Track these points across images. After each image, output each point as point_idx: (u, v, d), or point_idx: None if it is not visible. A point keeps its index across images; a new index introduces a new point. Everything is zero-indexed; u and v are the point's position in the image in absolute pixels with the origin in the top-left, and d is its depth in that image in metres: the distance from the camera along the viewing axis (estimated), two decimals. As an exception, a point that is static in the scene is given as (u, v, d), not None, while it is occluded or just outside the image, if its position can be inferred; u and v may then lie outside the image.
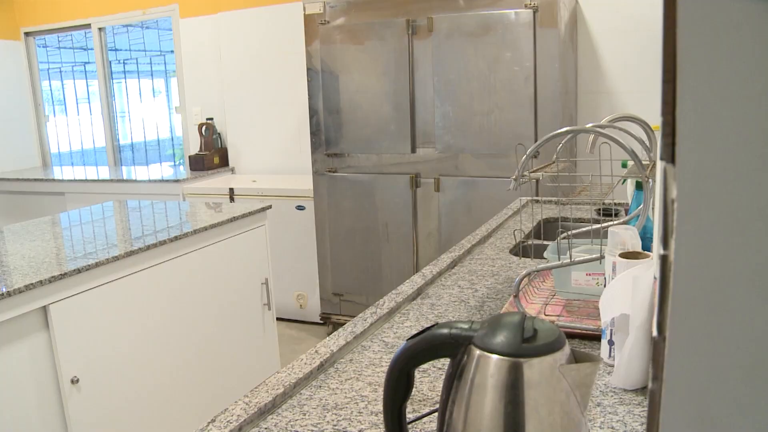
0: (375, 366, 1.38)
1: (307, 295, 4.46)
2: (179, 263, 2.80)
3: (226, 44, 5.14)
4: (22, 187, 5.78)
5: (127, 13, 5.78)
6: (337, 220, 4.06)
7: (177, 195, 4.75)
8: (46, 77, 6.64)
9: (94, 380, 2.44)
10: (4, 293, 2.09)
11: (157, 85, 6.26)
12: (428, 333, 0.84)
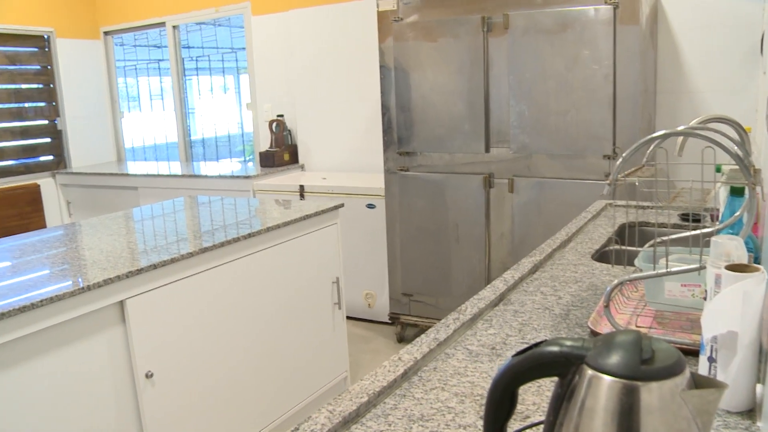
0: (460, 375, 1.33)
1: (376, 295, 4.43)
2: (252, 260, 2.80)
3: (297, 41, 5.15)
4: (98, 181, 5.93)
5: (200, 11, 5.86)
6: (408, 220, 4.02)
7: (247, 191, 4.79)
8: (122, 74, 6.80)
9: (168, 375, 2.46)
10: (84, 287, 2.12)
11: (227, 81, 6.33)
12: (536, 350, 0.79)
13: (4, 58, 5.94)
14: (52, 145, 6.37)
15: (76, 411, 2.18)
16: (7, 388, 1.97)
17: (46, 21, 6.17)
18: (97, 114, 6.66)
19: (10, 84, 6.01)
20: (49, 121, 6.34)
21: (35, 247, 2.77)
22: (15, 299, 2.00)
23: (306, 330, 3.18)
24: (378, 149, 4.76)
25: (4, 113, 5.97)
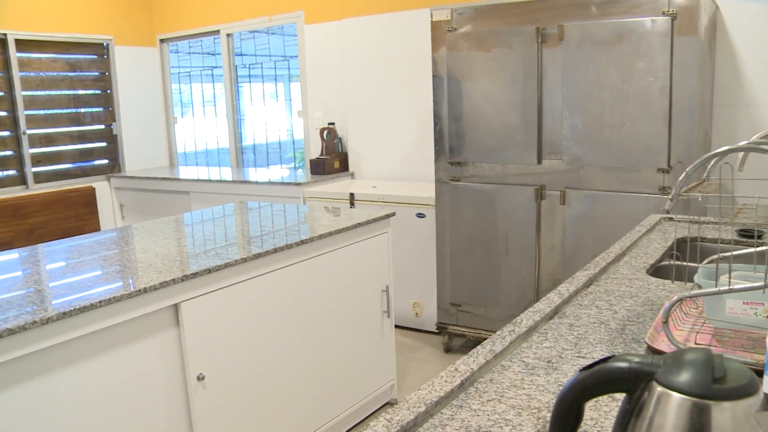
0: (517, 388, 1.32)
1: (424, 304, 4.43)
2: (304, 267, 2.83)
3: (350, 50, 5.19)
4: (151, 185, 6.05)
5: (254, 20, 5.95)
6: (458, 230, 4.02)
7: (297, 198, 4.83)
8: (176, 81, 6.93)
9: (219, 378, 2.49)
10: (141, 290, 2.17)
11: (279, 89, 6.41)
12: (605, 365, 0.79)
13: (65, 65, 6.11)
14: (107, 149, 6.53)
15: (129, 412, 2.22)
16: (64, 386, 2.02)
17: (106, 29, 6.33)
18: (151, 119, 6.81)
19: (70, 90, 6.17)
20: (105, 126, 6.49)
21: (92, 249, 2.83)
22: (74, 297, 2.05)
23: (354, 337, 3.19)
24: (428, 158, 4.77)
25: (63, 118, 6.14)
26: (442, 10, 3.86)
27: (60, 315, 1.94)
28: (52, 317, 1.92)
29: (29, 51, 5.83)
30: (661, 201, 3.41)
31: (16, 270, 2.55)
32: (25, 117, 5.81)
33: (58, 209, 5.98)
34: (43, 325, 1.91)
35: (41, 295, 2.15)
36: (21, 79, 5.77)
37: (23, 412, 1.92)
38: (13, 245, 5.65)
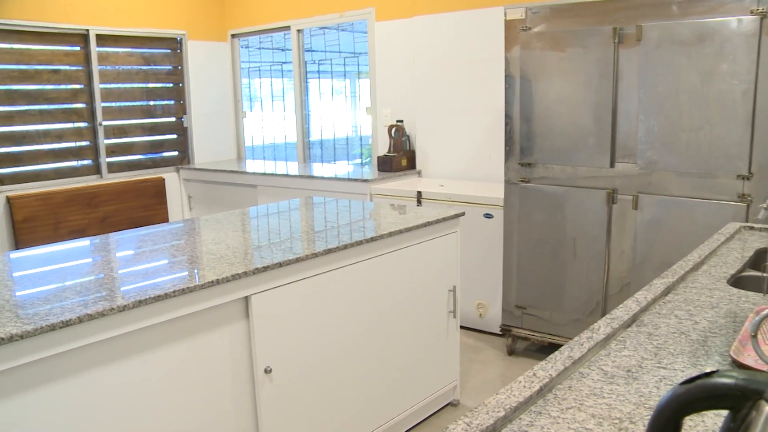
0: (596, 396, 1.29)
1: (488, 305, 4.39)
2: (373, 264, 2.83)
3: (420, 48, 5.17)
4: (218, 177, 6.15)
5: (324, 16, 5.98)
6: (526, 232, 3.96)
7: (364, 195, 4.84)
8: (246, 75, 7.03)
9: (285, 371, 2.51)
10: (213, 281, 2.20)
11: (347, 85, 6.43)
12: (708, 381, 0.76)
13: (140, 59, 6.26)
14: (177, 142, 6.66)
15: (196, 402, 2.26)
16: (134, 374, 2.06)
17: (180, 24, 6.46)
18: (220, 113, 6.92)
19: (143, 83, 6.32)
20: (176, 119, 6.63)
21: (165, 239, 2.89)
22: (148, 285, 2.09)
23: (419, 336, 3.18)
24: (497, 159, 4.72)
25: (136, 110, 6.29)
26: (516, 8, 3.81)
27: (135, 303, 1.98)
28: (128, 305, 1.96)
29: (108, 45, 5.99)
30: (739, 209, 3.30)
31: (89, 257, 2.62)
32: (101, 109, 5.97)
33: (129, 198, 6.13)
34: (120, 312, 1.95)
35: (115, 283, 2.20)
36: (99, 72, 5.93)
37: (94, 397, 1.97)
38: (86, 232, 5.82)
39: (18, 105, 5.51)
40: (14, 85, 5.48)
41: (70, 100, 5.83)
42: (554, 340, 3.97)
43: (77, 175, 5.93)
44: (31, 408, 1.83)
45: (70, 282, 2.23)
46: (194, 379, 2.23)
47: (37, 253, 2.73)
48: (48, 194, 5.61)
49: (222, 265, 2.37)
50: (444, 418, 3.41)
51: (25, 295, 2.10)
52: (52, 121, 5.73)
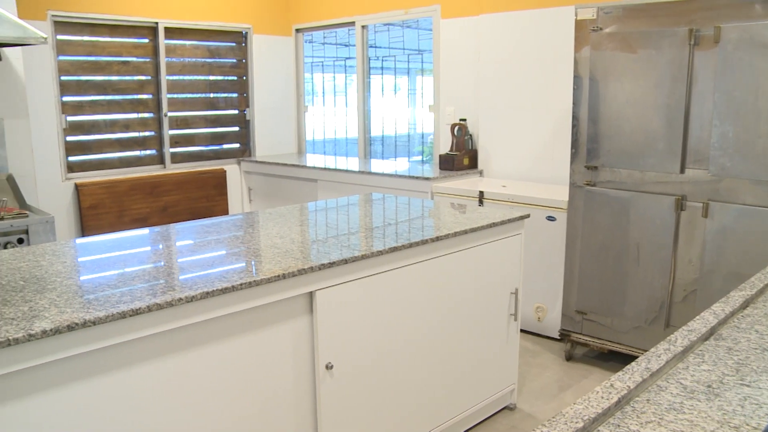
0: (676, 411, 1.24)
1: (547, 309, 4.32)
2: (437, 263, 2.80)
3: (486, 46, 5.11)
4: (279, 171, 6.20)
5: (389, 12, 5.97)
6: (590, 236, 3.88)
7: (425, 193, 4.81)
8: (308, 70, 7.07)
9: (346, 368, 2.51)
10: (279, 276, 2.20)
11: (409, 82, 6.41)
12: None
13: (206, 52, 6.34)
14: (239, 134, 6.74)
15: (256, 394, 2.27)
16: (196, 365, 2.08)
17: (245, 18, 6.53)
18: (282, 107, 6.98)
19: (208, 75, 6.41)
20: (239, 112, 6.70)
21: (229, 230, 2.91)
22: (215, 274, 2.11)
23: (479, 338, 3.14)
24: (562, 160, 4.65)
25: (200, 102, 6.38)
26: (587, 8, 3.73)
27: (203, 294, 1.99)
28: (196, 296, 1.97)
29: (175, 38, 6.09)
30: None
31: (157, 247, 2.66)
32: (167, 100, 6.07)
33: (191, 189, 6.23)
34: (188, 303, 1.97)
35: (181, 274, 2.22)
36: (166, 64, 6.03)
37: (157, 387, 1.99)
38: (147, 221, 5.93)
39: (88, 95, 5.64)
40: (85, 75, 5.61)
41: (137, 91, 5.95)
42: (614, 347, 3.88)
43: (141, 164, 6.05)
44: (96, 395, 1.86)
45: (133, 269, 2.26)
46: (256, 372, 2.24)
47: (114, 241, 2.78)
48: (113, 182, 5.73)
49: (288, 260, 2.38)
50: (500, 422, 3.37)
51: (94, 283, 2.14)
52: (120, 111, 5.86)
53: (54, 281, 2.14)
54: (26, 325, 1.72)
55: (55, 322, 1.74)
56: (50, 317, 1.78)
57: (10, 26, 3.53)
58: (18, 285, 2.10)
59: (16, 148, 4.28)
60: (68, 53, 5.50)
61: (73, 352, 1.77)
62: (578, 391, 3.69)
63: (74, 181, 5.57)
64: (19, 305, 1.89)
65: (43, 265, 2.36)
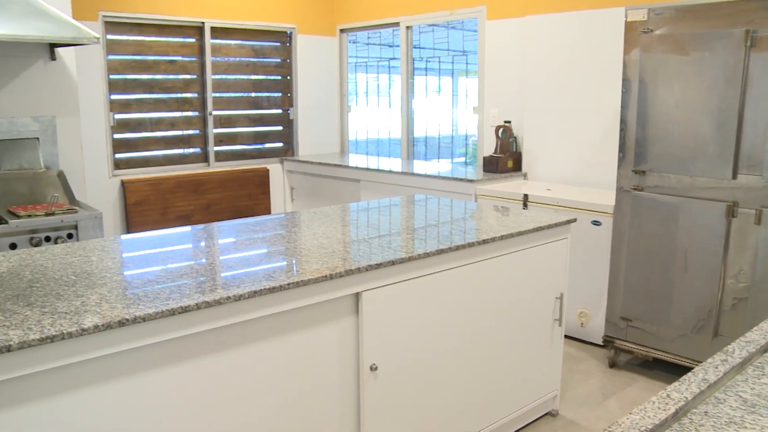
0: (737, 425, 1.21)
1: (590, 314, 4.26)
2: (482, 266, 2.78)
3: (532, 48, 5.07)
4: (321, 170, 6.22)
5: (434, 13, 5.95)
6: (636, 242, 3.82)
7: (469, 195, 4.78)
8: (352, 70, 7.08)
9: (390, 369, 2.50)
10: (327, 276, 2.20)
11: (454, 83, 6.39)
12: None
13: (250, 51, 6.39)
14: (282, 133, 6.78)
15: (300, 394, 2.27)
16: (241, 364, 2.09)
17: (290, 18, 6.56)
18: (326, 106, 7.00)
19: (252, 75, 6.46)
20: (282, 111, 6.74)
21: (275, 229, 2.93)
22: (262, 272, 2.12)
23: (523, 342, 3.11)
24: (608, 164, 4.58)
25: (244, 101, 6.43)
26: (638, 9, 3.67)
27: (251, 293, 2.00)
28: (244, 295, 1.98)
29: (220, 38, 6.15)
30: None
31: (202, 244, 2.68)
32: (212, 99, 6.13)
33: (234, 187, 6.28)
34: (236, 302, 1.98)
35: (223, 272, 2.23)
36: (212, 63, 6.09)
37: (201, 386, 2.00)
38: (191, 218, 6.00)
39: (135, 93, 5.72)
40: (133, 74, 5.69)
41: (182, 89, 6.02)
42: (660, 355, 3.81)
43: (186, 162, 6.11)
44: (141, 391, 1.87)
45: (179, 264, 2.28)
46: (300, 372, 2.25)
47: (161, 237, 2.81)
48: (158, 180, 5.81)
49: (334, 260, 2.38)
50: (542, 428, 3.33)
51: (143, 279, 2.16)
52: (166, 110, 5.93)
53: (104, 277, 2.17)
54: (78, 320, 1.74)
55: (106, 317, 1.76)
56: (101, 312, 1.80)
57: (66, 27, 3.59)
58: (70, 280, 2.14)
59: (66, 145, 4.36)
60: (117, 52, 5.58)
61: (122, 347, 1.79)
62: (622, 399, 3.63)
63: (120, 178, 5.65)
64: (72, 300, 1.92)
65: (93, 261, 2.39)
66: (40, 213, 3.69)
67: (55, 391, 1.71)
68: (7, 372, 1.62)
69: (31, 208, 3.82)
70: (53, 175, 4.23)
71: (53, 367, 1.69)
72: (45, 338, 1.64)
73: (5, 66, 4.10)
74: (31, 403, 1.68)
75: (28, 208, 3.79)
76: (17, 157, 4.16)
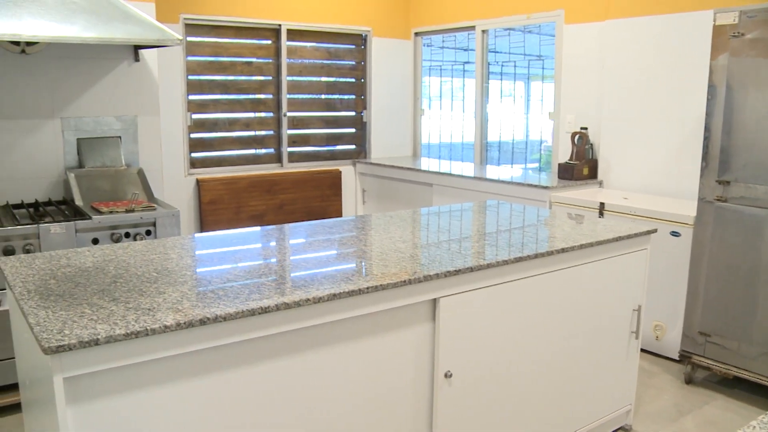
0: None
1: (666, 327, 4.13)
2: (560, 275, 2.73)
3: (611, 53, 4.95)
4: (393, 173, 6.22)
5: (511, 17, 5.88)
6: (718, 254, 3.69)
7: (543, 202, 4.71)
8: (426, 73, 7.07)
9: (465, 377, 2.47)
10: (406, 281, 2.19)
11: (528, 88, 6.30)
12: None
13: (325, 53, 6.45)
14: (355, 136, 6.81)
15: (373, 398, 2.26)
16: (317, 366, 2.09)
17: (365, 21, 6.59)
18: (399, 109, 7.01)
19: (326, 77, 6.51)
20: (356, 113, 6.77)
21: (351, 231, 2.93)
22: (338, 272, 2.12)
23: (598, 354, 3.04)
24: (689, 174, 4.44)
25: (318, 103, 6.48)
26: (728, 12, 3.55)
27: (330, 296, 2.00)
28: (323, 297, 1.99)
29: (296, 40, 6.22)
30: None
31: (277, 244, 2.70)
32: (286, 100, 6.21)
33: (306, 188, 6.34)
34: (315, 304, 1.99)
35: (303, 273, 2.24)
36: (288, 65, 6.17)
37: (275, 387, 2.02)
38: (264, 218, 6.08)
39: (212, 94, 5.83)
40: (210, 75, 5.80)
41: (258, 90, 6.10)
42: (741, 373, 3.66)
43: (259, 162, 6.20)
44: (215, 391, 1.89)
45: (258, 263, 2.30)
46: (373, 376, 2.24)
47: (239, 236, 2.85)
48: (232, 179, 5.91)
49: (412, 265, 2.36)
50: (615, 443, 3.25)
51: (223, 278, 2.19)
52: (241, 110, 6.03)
53: (184, 274, 2.21)
54: (161, 317, 1.77)
55: (188, 315, 1.78)
56: (183, 310, 1.83)
57: (151, 29, 3.68)
58: (152, 276, 2.18)
59: (147, 144, 4.48)
60: (195, 54, 5.70)
61: (201, 346, 1.82)
62: (699, 417, 3.51)
63: (196, 177, 5.77)
64: (154, 296, 1.96)
65: (173, 258, 2.44)
66: (121, 210, 3.80)
67: (135, 386, 1.74)
68: (93, 365, 1.66)
69: (113, 204, 3.92)
70: (133, 172, 4.34)
71: (134, 363, 1.72)
72: (130, 334, 1.67)
73: (93, 68, 4.23)
74: (113, 397, 1.72)
75: (109, 205, 3.90)
76: (100, 155, 4.29)
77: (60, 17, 3.47)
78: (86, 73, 4.23)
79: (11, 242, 3.43)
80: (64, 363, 1.62)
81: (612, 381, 3.17)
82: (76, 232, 3.59)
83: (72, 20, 3.50)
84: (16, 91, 4.05)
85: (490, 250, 2.61)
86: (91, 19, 3.57)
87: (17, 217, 3.65)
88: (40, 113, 4.13)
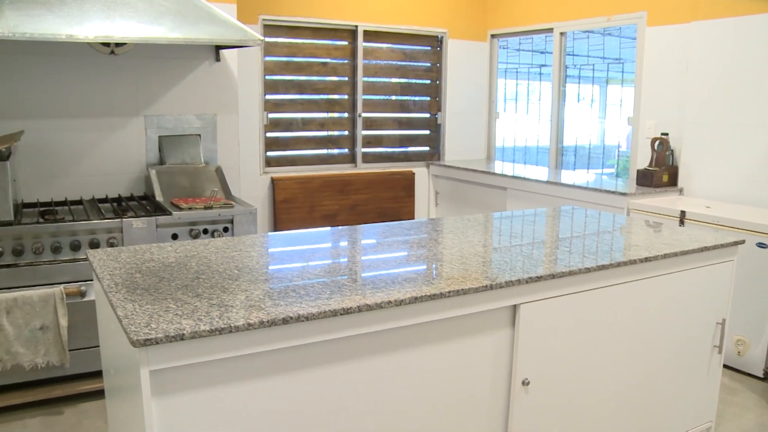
0: None
1: (749, 343, 3.99)
2: (641, 284, 2.66)
3: (696, 56, 4.80)
4: (466, 176, 6.19)
5: (591, 19, 5.78)
6: (809, 268, 3.54)
7: (620, 208, 4.61)
8: (502, 76, 7.01)
9: (542, 385, 2.43)
10: (487, 286, 2.16)
11: (600, 92, 6.18)
12: None
13: (401, 55, 6.46)
14: (429, 138, 6.80)
15: (449, 403, 2.24)
16: (393, 370, 2.09)
17: (441, 23, 6.57)
18: (474, 112, 6.97)
19: (401, 78, 6.52)
20: (430, 115, 6.76)
21: (429, 234, 2.92)
22: (418, 275, 2.11)
23: (678, 368, 2.94)
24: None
25: (392, 104, 6.50)
26: (824, 18, 3.40)
27: (411, 299, 2.00)
28: (405, 300, 1.98)
29: (372, 41, 6.25)
30: None
31: (360, 243, 2.71)
32: (362, 101, 6.25)
33: (380, 189, 6.36)
34: (396, 307, 1.98)
35: (382, 274, 2.24)
36: (363, 66, 6.20)
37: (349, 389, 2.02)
38: (336, 218, 6.13)
39: (288, 94, 5.91)
40: (286, 75, 5.88)
41: (333, 91, 6.16)
42: (829, 393, 3.51)
43: (333, 162, 6.26)
44: (290, 391, 1.91)
45: (338, 262, 2.31)
46: (450, 382, 2.22)
47: (315, 234, 2.88)
48: (306, 178, 5.97)
49: (493, 270, 2.34)
50: (694, 460, 3.14)
51: (303, 277, 2.21)
52: (316, 111, 6.09)
53: (265, 272, 2.24)
54: (245, 314, 1.80)
55: (270, 314, 1.81)
56: (266, 308, 1.85)
57: (234, 30, 3.76)
58: (233, 274, 2.22)
59: (225, 142, 4.57)
60: (273, 54, 5.79)
61: (283, 344, 1.83)
62: (784, 436, 3.38)
63: (271, 176, 5.86)
64: (236, 293, 1.99)
65: (253, 256, 2.47)
66: (200, 206, 3.88)
67: (216, 382, 1.77)
68: (178, 360, 1.69)
69: (192, 201, 4.01)
70: (212, 170, 4.43)
71: (216, 359, 1.75)
72: (214, 330, 1.70)
73: (176, 67, 4.35)
74: (195, 391, 1.75)
75: (188, 201, 3.99)
76: (181, 152, 4.39)
77: (148, 19, 3.57)
78: (169, 72, 4.34)
79: (96, 235, 3.55)
80: (150, 356, 1.66)
81: (692, 396, 3.07)
82: (157, 227, 3.69)
83: (159, 21, 3.59)
84: (104, 91, 4.18)
85: (571, 258, 2.56)
86: (177, 20, 3.66)
87: (102, 211, 3.77)
88: (126, 111, 4.26)
